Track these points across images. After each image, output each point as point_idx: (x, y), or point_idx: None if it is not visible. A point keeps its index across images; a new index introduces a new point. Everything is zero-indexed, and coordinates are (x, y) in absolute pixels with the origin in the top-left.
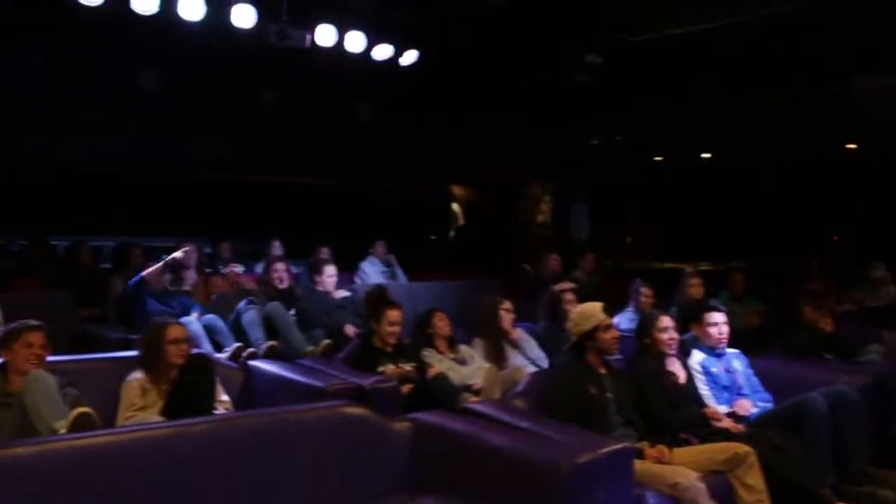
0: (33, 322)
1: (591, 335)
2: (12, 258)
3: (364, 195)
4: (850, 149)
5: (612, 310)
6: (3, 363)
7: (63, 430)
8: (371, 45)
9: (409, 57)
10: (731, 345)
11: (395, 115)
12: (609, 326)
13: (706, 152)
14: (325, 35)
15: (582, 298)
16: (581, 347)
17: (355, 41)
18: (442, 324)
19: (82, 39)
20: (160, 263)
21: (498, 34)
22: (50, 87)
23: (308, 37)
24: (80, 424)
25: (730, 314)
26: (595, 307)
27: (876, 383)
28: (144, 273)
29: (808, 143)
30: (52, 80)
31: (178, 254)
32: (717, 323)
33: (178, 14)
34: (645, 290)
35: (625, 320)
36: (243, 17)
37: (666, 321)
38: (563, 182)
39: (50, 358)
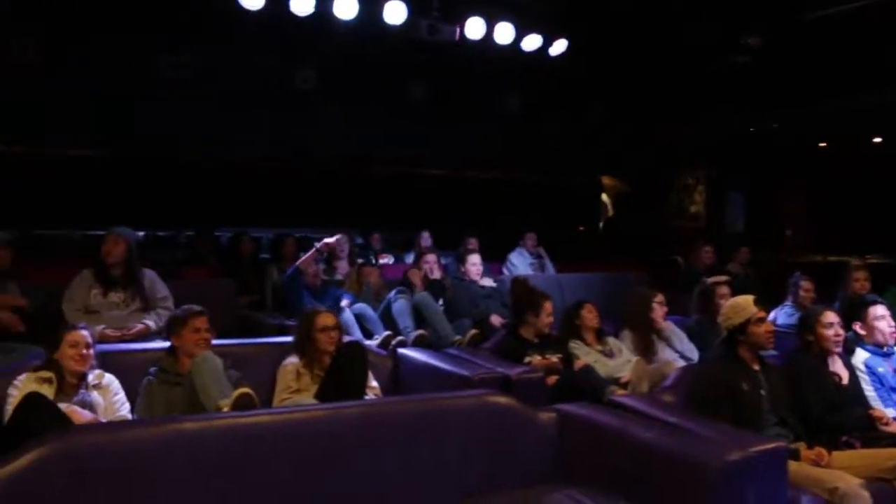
0: (197, 308)
1: (742, 329)
2: (181, 249)
3: (513, 186)
4: None
5: (769, 304)
6: (174, 347)
7: (226, 409)
8: (520, 36)
9: (559, 46)
10: None
11: (544, 105)
12: (762, 320)
13: (877, 136)
14: (474, 28)
15: (736, 292)
16: (733, 342)
17: (504, 33)
18: (590, 316)
19: (242, 40)
20: (312, 251)
21: (650, 18)
22: (212, 88)
23: (457, 30)
24: (241, 404)
25: None
26: (747, 300)
27: None
28: (299, 262)
29: None
30: (215, 81)
31: (329, 239)
32: (884, 316)
33: (332, 13)
34: (805, 284)
35: (782, 315)
36: (395, 13)
37: (831, 317)
38: (718, 171)
39: (214, 341)
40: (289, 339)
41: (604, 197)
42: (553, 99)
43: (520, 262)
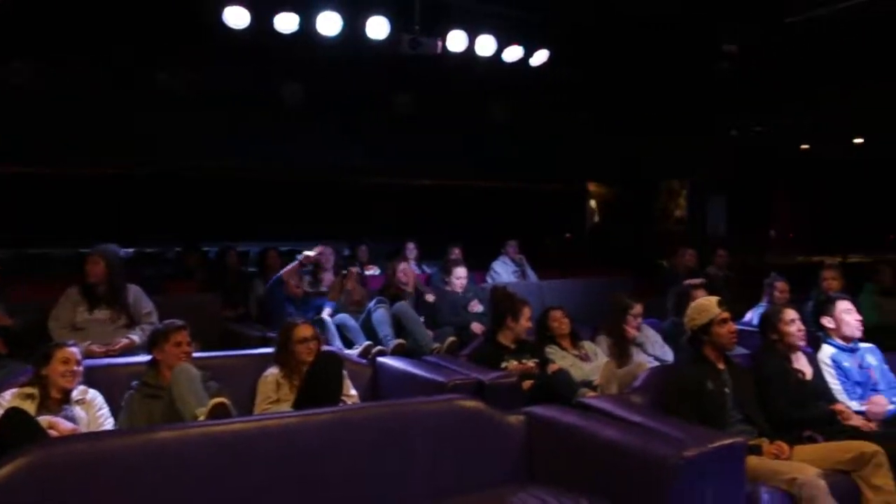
0: (178, 322)
1: (706, 329)
2: (169, 264)
3: (500, 194)
4: None
5: (748, 305)
6: (156, 360)
7: (202, 418)
8: (501, 47)
9: (539, 57)
10: (878, 341)
11: (529, 114)
12: (725, 321)
13: (858, 138)
14: (455, 41)
15: (713, 294)
16: (698, 342)
17: (485, 45)
18: (557, 323)
19: (229, 56)
20: (295, 263)
21: (630, 28)
22: (201, 105)
23: (439, 43)
24: (216, 413)
25: (877, 308)
26: (710, 301)
27: None
28: (282, 272)
29: None
30: (203, 97)
31: (310, 252)
32: (851, 310)
33: (316, 30)
34: (780, 285)
35: (757, 315)
36: (377, 28)
37: (791, 314)
38: (701, 176)
39: (197, 354)
40: (270, 350)
41: (590, 203)
42: (538, 108)
43: (503, 271)
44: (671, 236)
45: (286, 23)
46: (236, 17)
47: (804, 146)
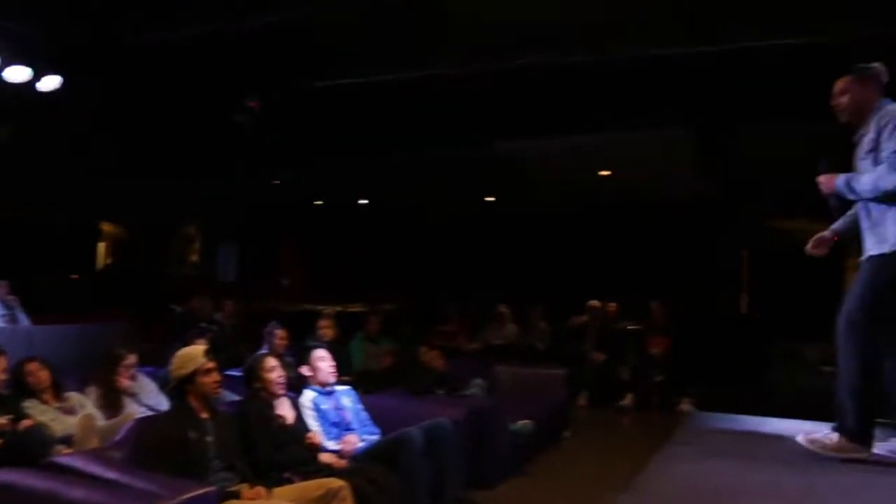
0: None
1: (190, 379)
2: None
3: None
4: (490, 201)
5: (254, 352)
6: None
7: None
8: (5, 65)
9: (50, 83)
10: (365, 383)
11: (38, 141)
12: (210, 370)
13: (364, 199)
14: None
15: (219, 341)
16: (181, 391)
17: None
18: (33, 378)
19: None
20: None
21: (153, 68)
22: None
23: None
24: None
25: (364, 354)
26: (196, 351)
27: (473, 414)
28: None
29: (454, 195)
30: None
31: None
32: (324, 358)
33: None
34: (279, 333)
35: None
36: None
37: (271, 362)
38: (216, 223)
39: None
40: None
41: (102, 244)
42: (49, 136)
43: None
44: (187, 281)
45: None
46: None
47: (318, 202)
